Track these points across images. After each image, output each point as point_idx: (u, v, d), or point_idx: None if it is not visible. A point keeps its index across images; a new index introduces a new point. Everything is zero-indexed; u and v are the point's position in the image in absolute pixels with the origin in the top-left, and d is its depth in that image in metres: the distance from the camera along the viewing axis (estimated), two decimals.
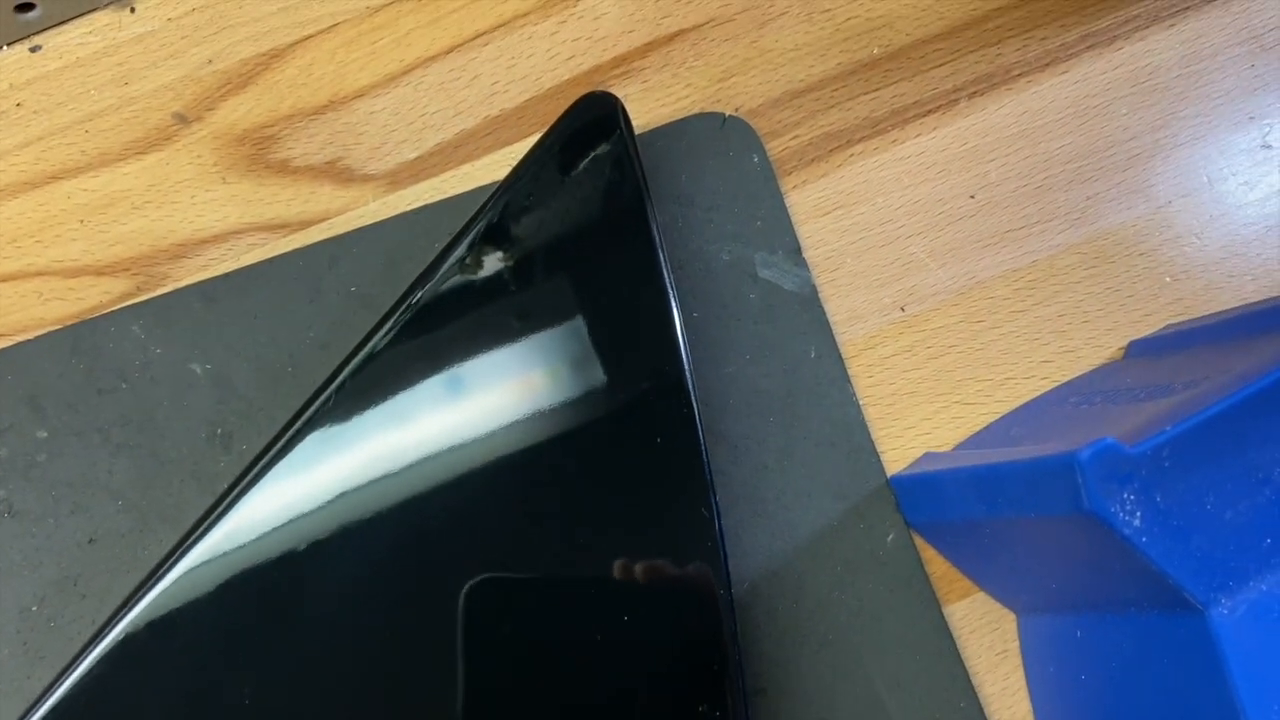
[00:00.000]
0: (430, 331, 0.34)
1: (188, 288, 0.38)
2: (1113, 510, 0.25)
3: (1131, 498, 0.24)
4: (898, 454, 0.38)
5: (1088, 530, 0.26)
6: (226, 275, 0.38)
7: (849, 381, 0.38)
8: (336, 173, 0.39)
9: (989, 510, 0.30)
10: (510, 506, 0.33)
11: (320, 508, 0.33)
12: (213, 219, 0.39)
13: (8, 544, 0.36)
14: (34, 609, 0.36)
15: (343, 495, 0.33)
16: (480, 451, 0.34)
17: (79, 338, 0.38)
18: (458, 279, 0.35)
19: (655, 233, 0.35)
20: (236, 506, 0.33)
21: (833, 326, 0.39)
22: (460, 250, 0.35)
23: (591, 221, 0.35)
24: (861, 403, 0.38)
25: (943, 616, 0.37)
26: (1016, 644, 0.37)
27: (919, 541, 0.37)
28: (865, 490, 0.38)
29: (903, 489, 0.37)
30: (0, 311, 0.38)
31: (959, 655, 0.37)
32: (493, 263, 0.35)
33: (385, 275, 0.38)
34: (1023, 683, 0.37)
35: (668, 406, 0.34)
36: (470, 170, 0.39)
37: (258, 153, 0.39)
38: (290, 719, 0.32)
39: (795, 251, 0.39)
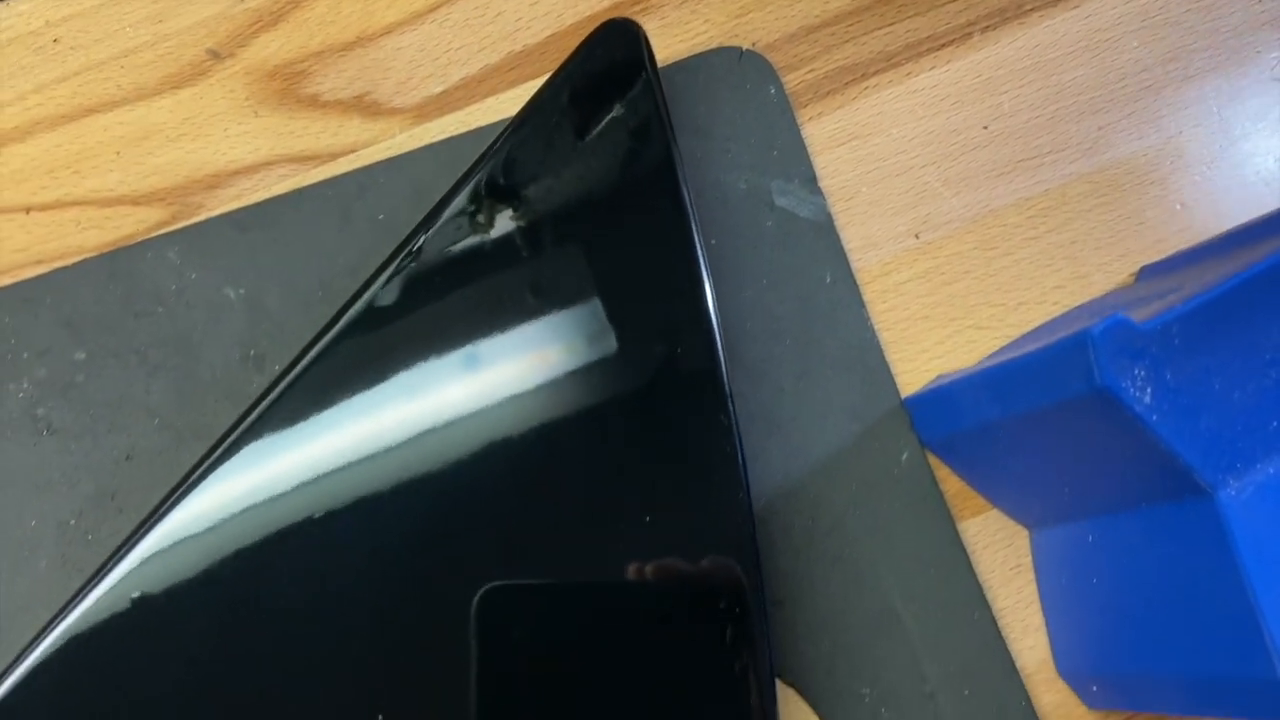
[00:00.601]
0: (449, 257, 0.35)
1: (221, 216, 0.39)
2: (1124, 385, 0.25)
3: (1142, 374, 0.25)
4: (911, 377, 0.39)
5: (1099, 414, 0.27)
6: (258, 204, 0.39)
7: (864, 306, 0.39)
8: (364, 106, 0.40)
9: (1003, 409, 0.31)
10: (529, 429, 0.34)
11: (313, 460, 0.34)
12: (245, 151, 0.40)
13: (47, 460, 0.38)
14: (72, 523, 0.37)
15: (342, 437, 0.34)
16: (494, 376, 0.35)
17: (115, 264, 0.39)
18: (472, 210, 0.36)
19: (677, 157, 0.36)
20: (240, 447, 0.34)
21: (848, 253, 0.39)
22: (480, 175, 0.36)
23: (612, 148, 0.36)
24: (876, 327, 0.39)
25: (956, 532, 0.38)
26: (1029, 559, 0.38)
27: (933, 461, 0.38)
28: (880, 411, 0.38)
29: (917, 409, 0.38)
30: (38, 240, 0.39)
31: (972, 569, 0.37)
32: (510, 191, 0.36)
33: (411, 204, 0.39)
34: (1035, 596, 0.37)
35: (689, 330, 0.35)
36: (494, 104, 0.40)
37: (288, 87, 0.40)
38: (313, 635, 0.33)
39: (811, 180, 0.40)
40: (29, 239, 0.39)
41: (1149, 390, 0.25)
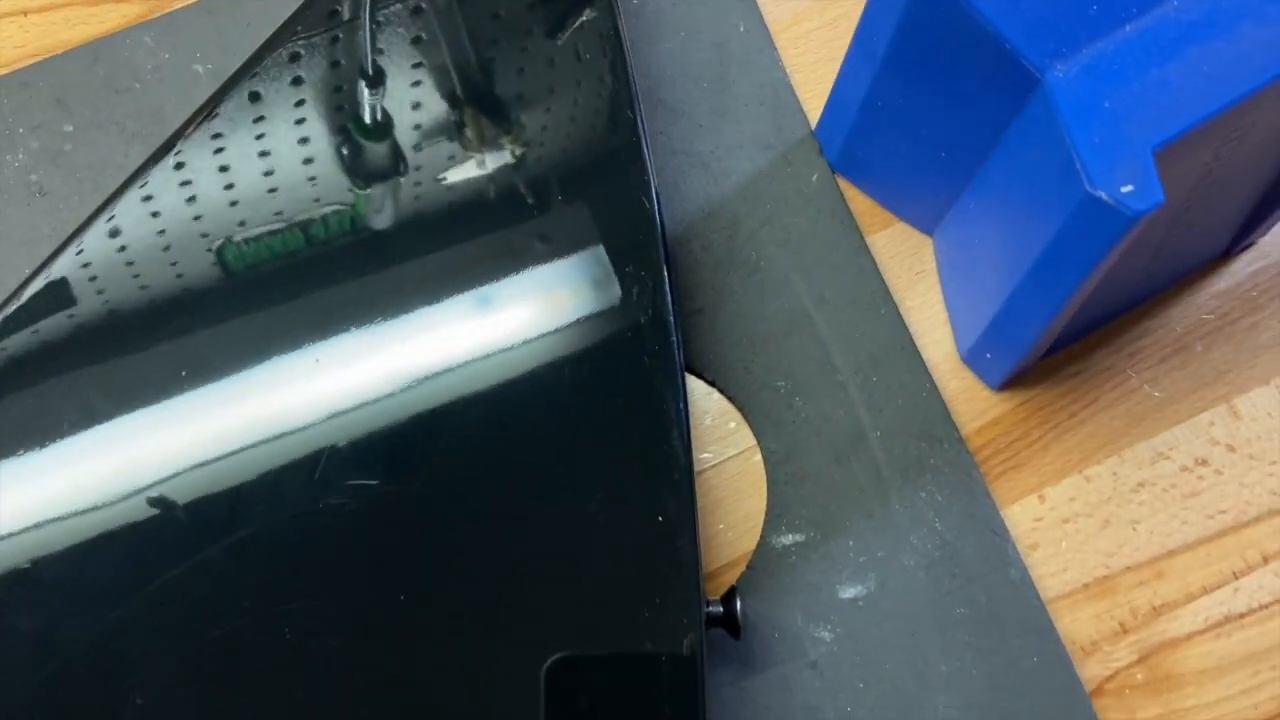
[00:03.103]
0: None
1: (191, 5, 0.44)
2: None
3: None
4: (820, 113, 0.42)
5: (940, 20, 0.30)
6: None
7: (775, 50, 0.42)
8: None
9: (872, 63, 0.34)
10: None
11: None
12: None
13: (39, 219, 0.42)
14: None
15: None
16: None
17: (99, 50, 0.43)
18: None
19: None
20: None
21: (759, 4, 0.43)
22: None
23: None
24: (787, 69, 0.42)
25: (863, 240, 0.40)
26: (933, 264, 0.40)
27: (842, 184, 0.41)
28: (791, 140, 0.41)
29: (825, 135, 0.41)
30: (35, 37, 0.44)
31: (879, 271, 0.40)
32: None
33: None
34: (939, 296, 0.40)
35: (605, 73, 0.38)
36: None
37: None
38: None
39: None
40: (26, 37, 0.44)
41: None
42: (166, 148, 0.38)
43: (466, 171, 0.37)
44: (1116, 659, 0.36)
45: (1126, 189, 0.27)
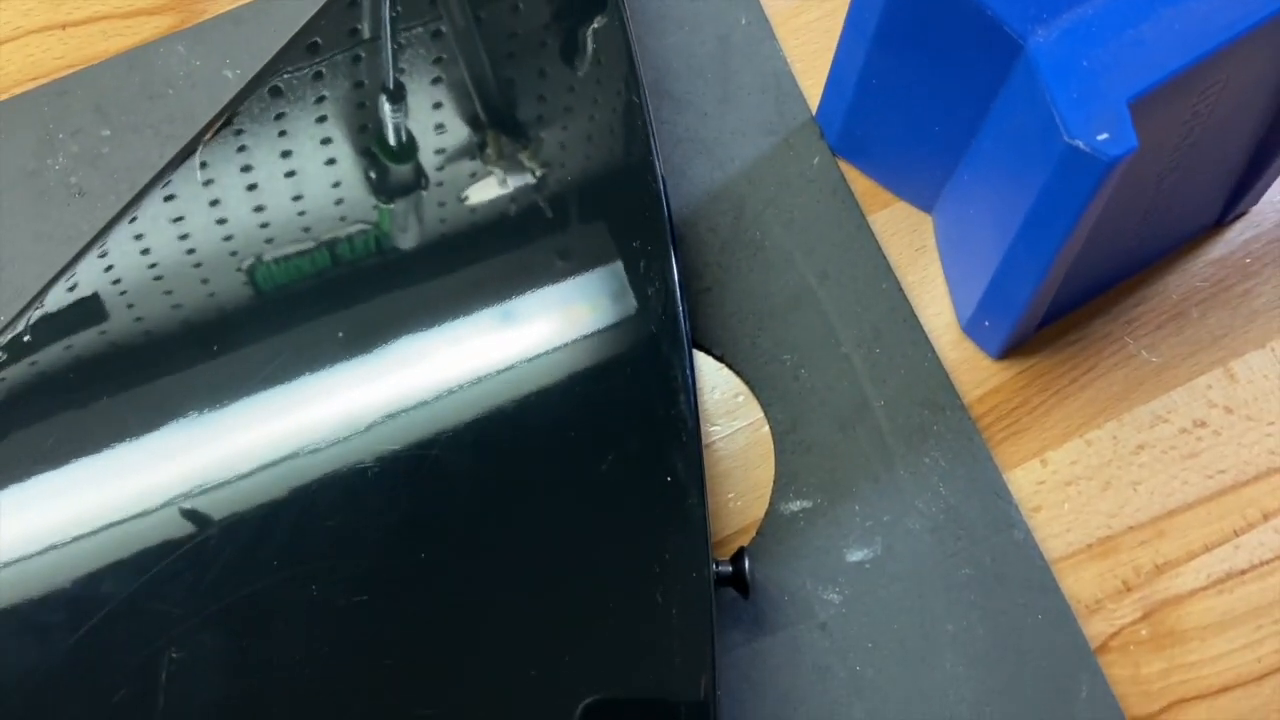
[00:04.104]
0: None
1: (221, 15, 0.46)
2: None
3: None
4: (820, 99, 0.43)
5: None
6: (253, 3, 0.46)
7: (776, 41, 0.44)
8: None
9: (865, 42, 0.35)
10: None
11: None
12: None
13: (78, 219, 0.44)
14: None
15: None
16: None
17: (134, 59, 0.46)
18: None
19: None
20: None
21: None
22: None
23: None
24: (788, 59, 0.44)
25: (864, 218, 0.42)
26: (932, 241, 0.41)
27: (843, 165, 0.42)
28: (793, 125, 0.43)
29: (825, 119, 0.42)
30: (73, 49, 0.46)
31: (880, 248, 0.41)
32: None
33: None
34: (939, 271, 0.41)
35: (614, 69, 0.40)
36: None
37: None
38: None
39: None
40: (65, 49, 0.46)
41: None
42: (187, 152, 0.40)
43: (484, 180, 0.39)
44: (1120, 616, 0.37)
45: (1102, 137, 0.28)
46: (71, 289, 0.38)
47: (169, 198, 0.39)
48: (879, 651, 0.37)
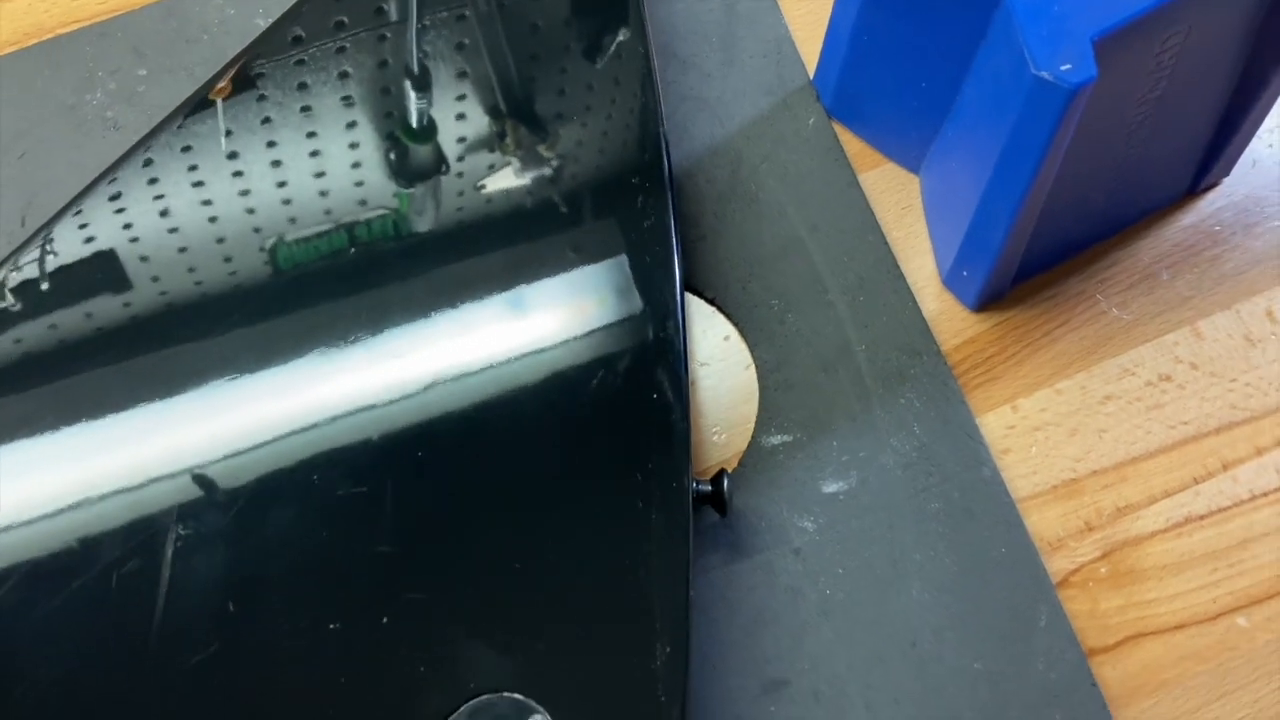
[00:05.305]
0: None
1: None
2: None
3: None
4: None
5: None
6: None
7: (779, 9, 0.46)
8: None
9: (868, 2, 0.38)
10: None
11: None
12: None
13: (112, 151, 0.46)
14: None
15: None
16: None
17: (172, 6, 0.48)
18: None
19: None
20: None
21: None
22: None
23: None
24: (790, 26, 0.46)
25: (855, 176, 0.44)
26: (919, 201, 0.43)
27: (837, 127, 0.45)
28: (791, 88, 0.45)
29: (821, 83, 0.44)
30: None
31: (868, 204, 0.43)
32: None
33: None
34: (924, 227, 0.43)
35: (624, 30, 0.43)
36: None
37: None
38: None
39: None
40: None
41: None
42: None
43: (496, 147, 0.41)
44: (1081, 554, 0.39)
45: (1065, 67, 0.30)
46: (82, 226, 0.40)
47: (186, 148, 0.41)
48: (849, 577, 0.39)
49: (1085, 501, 0.39)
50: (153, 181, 0.41)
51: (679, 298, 0.38)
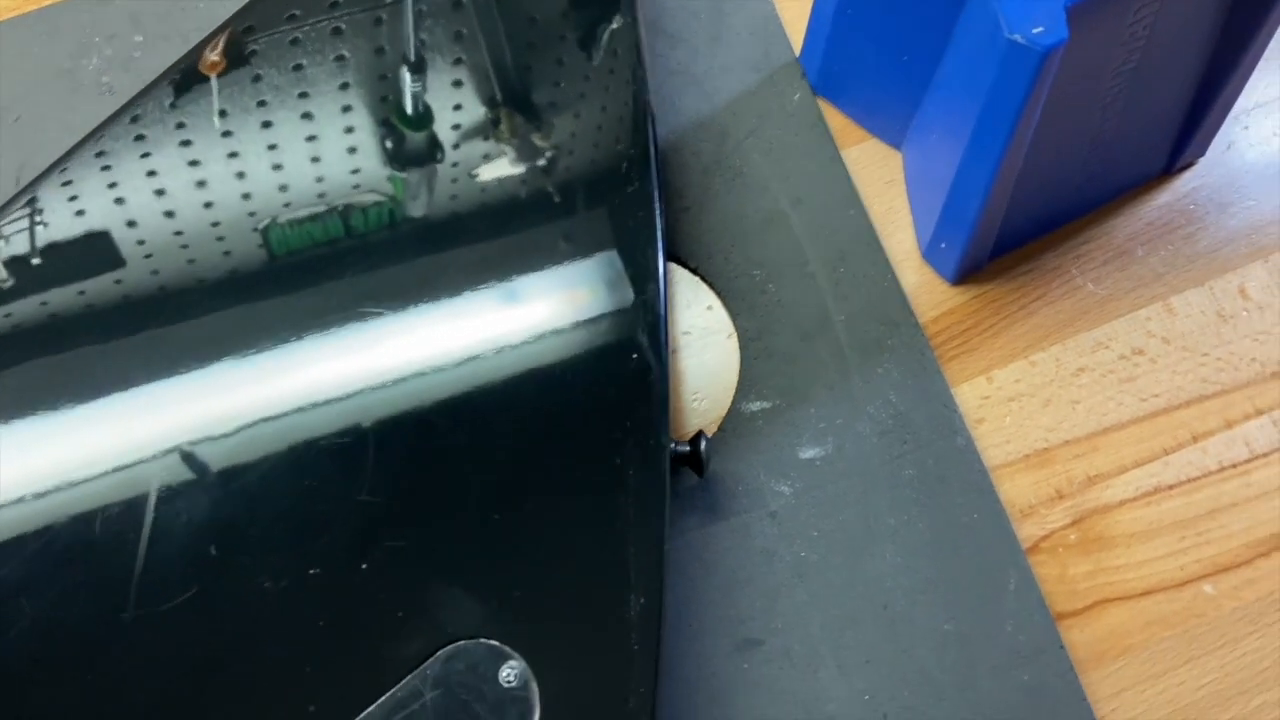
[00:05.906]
0: None
1: None
2: None
3: None
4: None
5: None
6: None
7: None
8: None
9: None
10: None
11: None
12: None
13: (105, 114, 0.47)
14: None
15: None
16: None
17: None
18: None
19: None
20: None
21: None
22: None
23: None
24: (777, 5, 0.47)
25: (838, 151, 0.45)
26: (901, 175, 0.44)
27: (821, 103, 0.45)
28: (777, 64, 0.46)
29: (807, 60, 0.45)
30: None
31: (850, 179, 0.44)
32: None
33: None
34: (905, 202, 0.44)
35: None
36: None
37: None
38: None
39: None
40: None
41: None
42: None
43: (484, 124, 0.42)
44: (1052, 521, 0.40)
45: (1037, 30, 0.31)
46: (67, 183, 0.41)
47: (180, 124, 0.42)
48: (824, 540, 0.40)
49: (1057, 470, 0.40)
50: (139, 139, 0.42)
51: (660, 264, 0.39)
